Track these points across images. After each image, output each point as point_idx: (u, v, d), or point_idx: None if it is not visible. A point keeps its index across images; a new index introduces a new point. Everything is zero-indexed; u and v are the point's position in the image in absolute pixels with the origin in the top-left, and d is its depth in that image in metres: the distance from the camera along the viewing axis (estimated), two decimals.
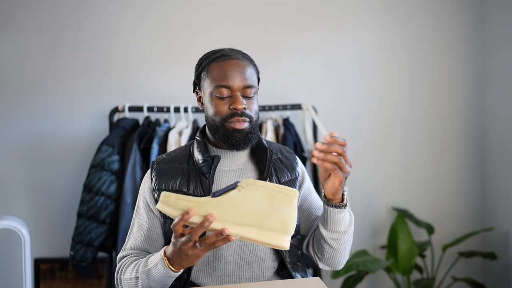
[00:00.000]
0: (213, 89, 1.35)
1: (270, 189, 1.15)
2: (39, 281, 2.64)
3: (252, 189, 1.15)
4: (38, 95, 2.64)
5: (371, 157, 2.85)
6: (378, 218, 2.88)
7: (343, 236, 1.37)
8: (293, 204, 1.16)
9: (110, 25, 2.66)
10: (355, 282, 2.59)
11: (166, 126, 2.45)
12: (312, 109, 2.57)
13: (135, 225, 1.45)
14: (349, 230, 1.38)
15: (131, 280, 1.32)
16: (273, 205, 1.14)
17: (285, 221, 1.14)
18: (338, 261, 1.44)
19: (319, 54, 2.79)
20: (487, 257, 2.68)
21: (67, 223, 2.63)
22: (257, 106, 1.40)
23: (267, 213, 1.13)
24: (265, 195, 1.14)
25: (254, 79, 1.39)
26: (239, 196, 1.14)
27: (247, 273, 1.38)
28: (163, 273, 1.24)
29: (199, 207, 1.13)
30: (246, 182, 1.16)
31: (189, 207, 1.13)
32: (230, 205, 1.13)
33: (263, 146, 1.43)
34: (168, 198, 1.15)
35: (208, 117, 1.39)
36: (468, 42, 2.87)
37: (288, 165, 1.48)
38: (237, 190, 1.15)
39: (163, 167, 1.43)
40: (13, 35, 2.61)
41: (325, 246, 1.40)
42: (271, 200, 1.14)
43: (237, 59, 1.37)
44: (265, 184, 1.17)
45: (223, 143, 1.36)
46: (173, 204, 1.14)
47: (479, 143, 2.91)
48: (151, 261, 1.27)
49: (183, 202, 1.14)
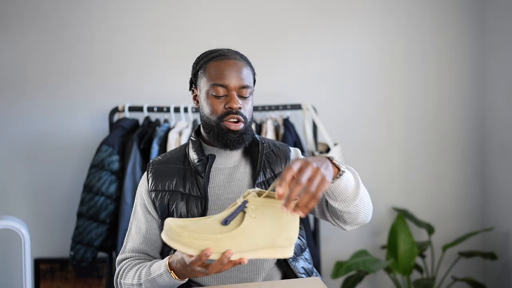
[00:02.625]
0: (210, 88, 1.36)
1: (277, 207, 1.13)
2: (39, 281, 2.64)
3: (261, 211, 1.12)
4: (38, 95, 2.64)
5: (371, 157, 2.85)
6: (378, 218, 2.88)
7: (355, 200, 1.26)
8: (296, 215, 1.15)
9: (110, 25, 2.66)
10: (355, 282, 2.59)
11: (166, 126, 2.45)
12: (312, 109, 2.57)
13: (133, 227, 1.46)
14: (359, 191, 1.26)
15: (134, 286, 1.33)
16: (282, 223, 1.14)
17: (292, 237, 1.16)
18: (363, 218, 1.33)
19: (319, 54, 2.79)
20: (487, 257, 2.68)
21: (67, 223, 2.63)
22: (252, 107, 1.41)
23: (277, 233, 1.14)
24: (275, 215, 1.13)
25: (250, 80, 1.40)
26: (252, 224, 1.12)
27: (247, 266, 1.38)
28: (169, 282, 1.25)
29: (216, 245, 1.09)
30: (254, 202, 1.13)
31: (205, 245, 1.08)
32: (244, 236, 1.11)
33: (255, 141, 1.44)
34: (180, 237, 1.08)
35: (203, 115, 1.40)
36: (469, 43, 2.87)
37: (281, 156, 1.48)
38: (249, 215, 1.12)
39: (159, 168, 1.43)
40: (13, 35, 2.61)
41: (343, 214, 1.31)
42: (280, 218, 1.14)
43: (234, 59, 1.38)
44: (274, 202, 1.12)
45: (217, 143, 1.37)
46: (187, 243, 1.09)
47: (479, 143, 2.91)
48: (154, 270, 1.28)
49: (198, 241, 1.08)
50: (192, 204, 1.38)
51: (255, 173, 1.41)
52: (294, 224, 1.16)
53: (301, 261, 1.45)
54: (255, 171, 1.41)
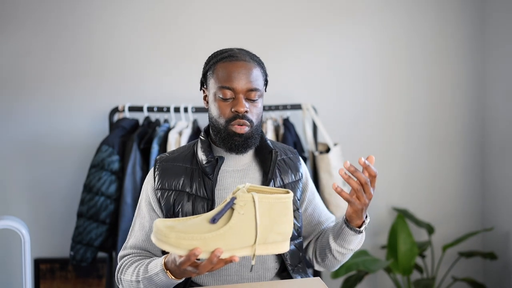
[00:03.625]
0: (217, 90, 1.35)
1: (267, 202, 1.12)
2: (39, 281, 2.64)
3: (250, 207, 1.10)
4: (38, 95, 2.64)
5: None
6: (378, 218, 2.88)
7: (350, 252, 1.43)
8: (289, 209, 1.14)
9: (110, 25, 2.66)
10: (355, 282, 2.59)
11: (166, 126, 2.45)
12: (312, 109, 2.57)
13: (137, 224, 1.45)
14: (356, 248, 1.43)
15: (132, 283, 1.33)
16: (273, 218, 1.12)
17: (285, 231, 1.14)
18: (335, 267, 1.51)
19: (319, 54, 2.79)
20: (487, 257, 2.68)
21: (67, 223, 2.63)
22: (261, 110, 1.38)
23: (268, 229, 1.12)
24: (264, 211, 1.11)
25: (259, 82, 1.37)
26: (240, 221, 1.09)
27: (249, 274, 1.38)
28: (166, 281, 1.25)
29: (204, 244, 1.07)
30: (243, 198, 1.11)
31: (193, 245, 1.06)
32: (234, 234, 1.09)
33: (268, 147, 1.43)
34: (167, 238, 1.06)
35: (211, 117, 1.39)
36: (469, 42, 2.87)
37: (292, 166, 1.48)
38: (237, 212, 1.10)
39: (166, 165, 1.42)
40: (13, 35, 2.60)
41: (329, 256, 1.45)
42: (270, 213, 1.12)
43: (243, 61, 1.36)
44: (262, 198, 1.12)
45: (223, 145, 1.37)
46: (175, 244, 1.06)
47: (479, 143, 2.91)
48: (151, 268, 1.28)
49: (186, 241, 1.06)
50: (198, 205, 1.36)
51: (265, 180, 1.40)
52: (287, 218, 1.14)
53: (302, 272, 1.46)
54: (266, 178, 1.40)
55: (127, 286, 1.35)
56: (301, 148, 2.53)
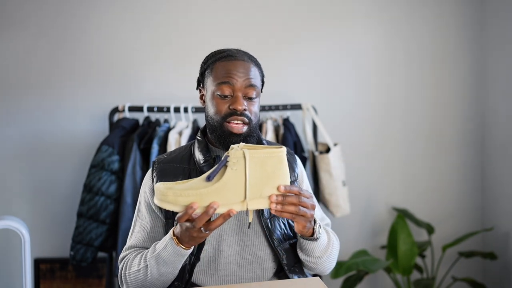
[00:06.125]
0: (215, 87, 1.35)
1: (258, 157, 1.16)
2: (39, 281, 2.64)
3: (242, 163, 1.15)
4: (38, 95, 2.64)
5: (371, 157, 2.85)
6: (378, 218, 2.88)
7: (318, 260, 1.39)
8: (283, 163, 1.18)
9: (110, 25, 2.66)
10: (355, 282, 2.59)
11: (166, 126, 2.45)
12: (312, 109, 2.57)
13: (137, 225, 1.45)
14: (325, 254, 1.39)
15: (140, 272, 1.32)
16: (267, 172, 1.16)
17: (281, 183, 1.18)
18: (320, 272, 1.46)
19: (319, 54, 2.79)
20: (487, 257, 2.68)
21: (67, 223, 2.63)
22: (258, 109, 1.39)
23: (264, 182, 1.16)
24: (257, 165, 1.16)
25: (257, 81, 1.38)
26: (234, 176, 1.15)
27: (247, 274, 1.38)
28: (173, 253, 1.25)
29: (200, 199, 1.13)
30: (235, 155, 1.16)
31: (191, 201, 1.13)
32: (228, 188, 1.14)
33: None
34: (165, 196, 1.13)
35: (208, 115, 1.39)
36: (469, 43, 2.87)
37: (288, 166, 1.47)
38: (230, 168, 1.15)
39: (164, 167, 1.43)
40: (13, 36, 2.61)
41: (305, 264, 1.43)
42: (264, 168, 1.16)
43: (242, 60, 1.37)
44: (254, 153, 1.16)
45: (219, 144, 1.37)
46: (173, 201, 1.13)
47: (479, 143, 2.91)
48: (159, 245, 1.29)
49: (183, 198, 1.13)
50: None
51: None
52: (282, 172, 1.18)
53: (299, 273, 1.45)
54: None
55: (133, 279, 1.34)
56: (301, 148, 2.53)
